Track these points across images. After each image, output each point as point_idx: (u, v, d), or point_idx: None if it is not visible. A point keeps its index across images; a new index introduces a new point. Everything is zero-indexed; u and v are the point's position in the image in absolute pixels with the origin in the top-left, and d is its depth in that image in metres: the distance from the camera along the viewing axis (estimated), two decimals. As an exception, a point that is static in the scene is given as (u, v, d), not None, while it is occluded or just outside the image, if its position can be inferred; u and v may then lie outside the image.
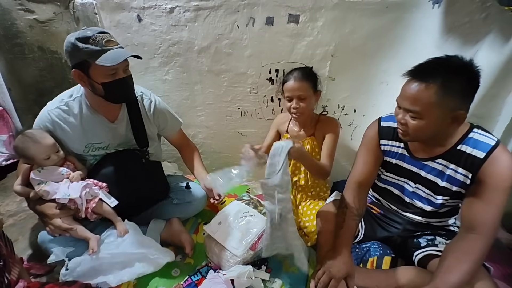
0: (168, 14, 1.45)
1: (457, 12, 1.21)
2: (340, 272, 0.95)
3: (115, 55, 1.05)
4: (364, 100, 1.51)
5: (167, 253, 1.25)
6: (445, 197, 0.99)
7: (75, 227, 1.15)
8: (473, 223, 0.89)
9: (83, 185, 1.14)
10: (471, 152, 0.90)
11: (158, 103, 1.34)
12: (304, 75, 1.30)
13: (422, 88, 0.83)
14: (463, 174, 0.93)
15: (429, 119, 0.85)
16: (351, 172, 1.14)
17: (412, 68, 0.89)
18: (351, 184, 1.11)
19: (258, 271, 1.21)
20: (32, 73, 1.74)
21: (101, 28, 1.10)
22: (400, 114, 0.92)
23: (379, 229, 1.20)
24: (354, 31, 1.34)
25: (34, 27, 1.61)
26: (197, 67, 1.58)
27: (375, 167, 1.11)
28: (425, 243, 1.09)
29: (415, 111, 0.86)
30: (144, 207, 1.39)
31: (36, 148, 1.11)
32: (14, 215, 1.56)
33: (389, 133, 1.05)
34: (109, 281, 1.12)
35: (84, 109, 1.20)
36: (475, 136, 0.91)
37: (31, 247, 1.37)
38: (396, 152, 1.07)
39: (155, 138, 1.39)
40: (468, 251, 0.87)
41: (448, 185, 0.97)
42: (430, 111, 0.84)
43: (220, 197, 1.32)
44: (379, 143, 1.08)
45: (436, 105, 0.83)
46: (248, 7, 1.38)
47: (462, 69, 0.83)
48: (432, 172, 0.99)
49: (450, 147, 0.93)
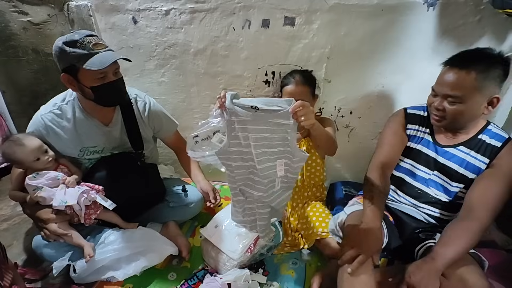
0: (164, 17, 1.45)
1: (451, 15, 1.22)
2: (372, 248, 0.95)
3: (102, 58, 1.04)
4: (360, 102, 1.52)
5: (170, 244, 1.27)
6: (460, 184, 1.05)
7: (70, 233, 1.14)
8: (473, 203, 0.96)
9: (81, 192, 1.13)
10: (490, 141, 1.01)
11: (153, 105, 1.33)
12: (305, 79, 1.29)
13: (463, 74, 0.92)
14: (481, 160, 1.02)
15: (469, 103, 0.93)
16: (374, 154, 1.16)
17: (450, 57, 0.98)
18: (376, 165, 1.11)
19: (255, 274, 1.21)
20: (26, 76, 1.72)
21: (89, 31, 1.09)
22: (437, 101, 0.99)
23: (393, 239, 1.16)
24: (349, 34, 1.35)
25: (28, 29, 1.59)
26: (193, 69, 1.57)
27: (400, 150, 1.15)
28: (424, 237, 1.11)
29: (456, 96, 0.94)
30: (140, 210, 1.38)
31: (23, 151, 1.09)
32: (8, 220, 1.54)
33: (416, 118, 1.13)
34: (117, 276, 1.18)
35: (78, 112, 1.19)
36: (493, 129, 1.03)
37: (25, 252, 1.35)
38: (421, 138, 1.13)
39: (150, 141, 1.38)
40: (466, 229, 0.93)
41: (466, 172, 1.04)
42: (470, 95, 0.92)
43: (216, 200, 1.31)
44: (405, 127, 1.15)
45: (476, 89, 0.91)
46: (244, 10, 1.37)
47: (497, 58, 0.93)
48: (453, 159, 1.06)
49: (472, 136, 1.03)
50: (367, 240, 0.96)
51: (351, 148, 1.64)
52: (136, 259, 1.20)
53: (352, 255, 0.93)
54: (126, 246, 1.19)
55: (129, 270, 1.18)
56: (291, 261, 1.32)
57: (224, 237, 1.24)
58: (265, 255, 1.27)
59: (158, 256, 1.23)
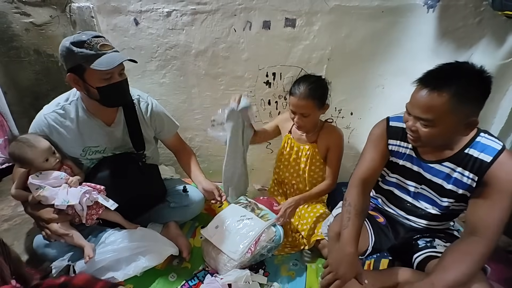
0: (165, 18, 1.46)
1: (452, 17, 1.22)
2: (348, 274, 0.91)
3: (109, 59, 1.05)
4: (360, 103, 1.52)
5: (171, 245, 1.26)
6: (450, 199, 0.99)
7: (71, 233, 1.14)
8: (476, 225, 0.89)
9: (83, 192, 1.13)
10: (478, 155, 0.90)
11: (155, 106, 1.34)
12: (310, 92, 1.22)
13: (434, 96, 0.82)
14: (470, 178, 0.93)
15: (442, 126, 0.84)
16: (355, 169, 1.12)
17: (423, 75, 0.88)
18: (356, 181, 1.08)
19: (256, 275, 1.21)
20: (28, 77, 1.73)
21: (96, 32, 1.10)
22: (411, 121, 0.91)
23: (385, 240, 1.18)
24: (350, 35, 1.35)
25: (30, 30, 1.61)
26: (194, 70, 1.58)
27: (381, 165, 1.10)
28: (423, 244, 1.09)
29: (427, 119, 0.85)
30: (141, 210, 1.38)
31: (33, 153, 1.10)
32: (9, 220, 1.54)
33: (397, 133, 1.05)
34: (117, 276, 1.16)
35: (81, 112, 1.20)
36: (482, 140, 0.91)
37: (26, 252, 1.35)
38: (403, 153, 1.06)
39: (152, 142, 1.39)
40: (468, 253, 0.86)
41: (454, 188, 0.97)
42: (443, 119, 0.83)
43: (221, 198, 1.31)
44: (387, 142, 1.07)
45: (450, 112, 0.82)
46: (245, 11, 1.38)
47: (476, 76, 0.82)
48: (439, 175, 0.99)
49: (458, 151, 0.94)
50: (342, 266, 0.92)
51: (352, 149, 1.64)
52: (137, 259, 1.20)
53: (330, 279, 0.91)
54: (126, 246, 1.18)
55: (129, 270, 1.18)
56: (291, 262, 1.32)
57: (225, 238, 1.24)
58: (265, 256, 1.27)
59: (159, 257, 1.23)
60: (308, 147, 1.40)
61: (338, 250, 0.98)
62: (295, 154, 1.44)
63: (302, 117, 1.26)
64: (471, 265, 0.85)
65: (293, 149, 1.44)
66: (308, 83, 1.23)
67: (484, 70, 0.83)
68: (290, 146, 1.45)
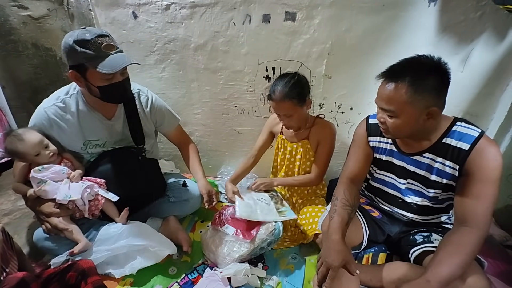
0: (164, 11, 1.44)
1: (453, 11, 1.22)
2: (335, 261, 0.93)
3: (113, 62, 1.04)
4: (360, 98, 1.52)
5: (169, 244, 1.26)
6: (437, 190, 1.01)
7: (71, 228, 1.14)
8: (465, 216, 0.90)
9: (85, 187, 1.13)
10: (456, 144, 0.92)
11: (155, 99, 1.33)
12: (287, 93, 1.20)
13: (393, 88, 0.87)
14: (451, 167, 0.95)
15: (404, 117, 0.89)
16: (343, 168, 1.16)
17: (386, 69, 0.93)
18: (343, 179, 1.13)
19: (255, 268, 1.22)
20: (26, 71, 1.72)
21: (101, 30, 1.07)
22: (380, 113, 0.96)
23: (380, 233, 1.19)
24: (350, 29, 1.34)
25: (28, 24, 1.59)
26: (194, 64, 1.57)
27: (366, 164, 1.13)
28: (421, 239, 1.10)
29: (390, 110, 0.90)
30: (141, 205, 1.38)
31: (23, 146, 1.10)
32: (9, 214, 1.55)
33: (377, 130, 1.07)
34: (114, 273, 1.16)
35: (81, 106, 1.19)
36: (458, 129, 0.93)
37: (26, 246, 1.36)
38: (385, 148, 1.09)
39: (152, 136, 1.39)
40: (460, 244, 0.87)
41: (438, 179, 0.99)
42: (403, 110, 0.88)
43: (211, 203, 1.31)
44: (367, 140, 1.11)
45: (408, 103, 0.86)
46: (245, 5, 1.37)
47: (430, 68, 0.86)
48: (422, 166, 1.01)
49: (436, 141, 0.96)
50: (330, 254, 0.94)
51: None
52: (133, 258, 1.19)
53: (323, 272, 0.94)
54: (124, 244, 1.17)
55: (126, 269, 1.18)
56: (290, 255, 1.33)
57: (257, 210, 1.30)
58: (265, 249, 1.28)
59: (155, 257, 1.21)
60: (301, 144, 1.40)
61: (326, 240, 1.01)
62: (289, 154, 1.45)
63: (286, 118, 1.27)
64: (464, 256, 0.86)
65: (287, 149, 1.44)
66: (283, 84, 1.21)
67: (441, 62, 0.87)
68: (284, 146, 1.46)
